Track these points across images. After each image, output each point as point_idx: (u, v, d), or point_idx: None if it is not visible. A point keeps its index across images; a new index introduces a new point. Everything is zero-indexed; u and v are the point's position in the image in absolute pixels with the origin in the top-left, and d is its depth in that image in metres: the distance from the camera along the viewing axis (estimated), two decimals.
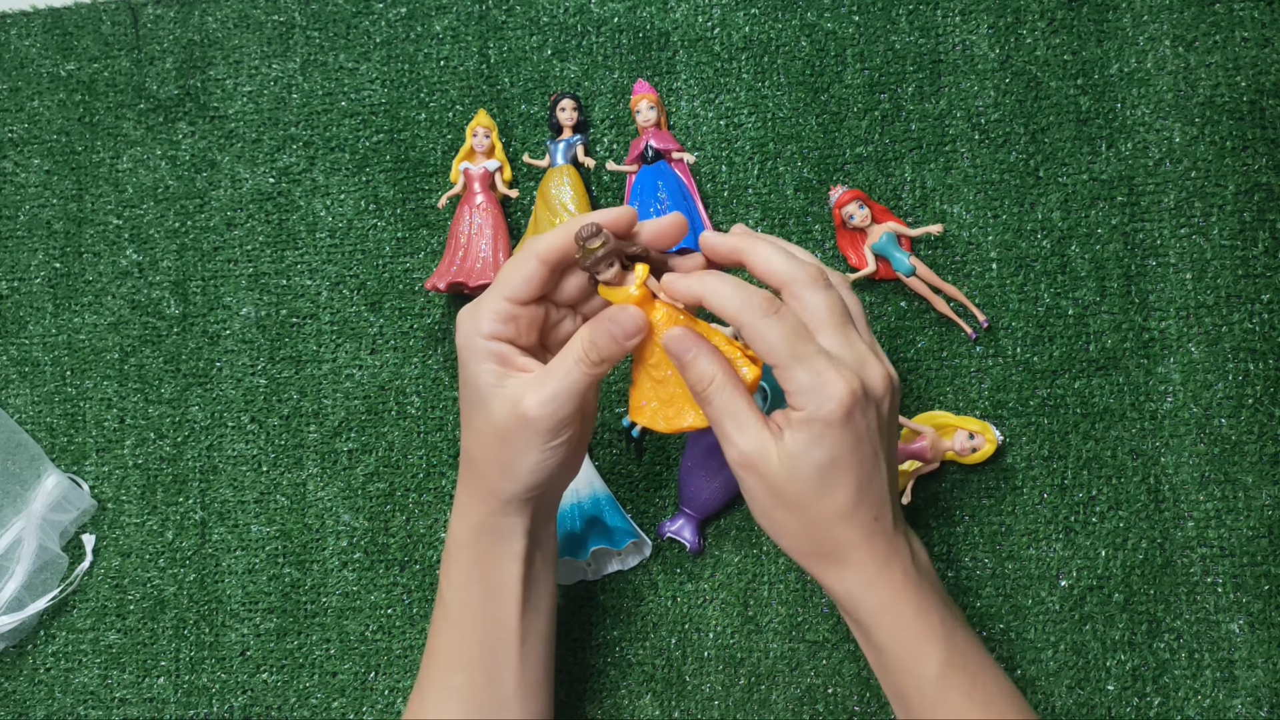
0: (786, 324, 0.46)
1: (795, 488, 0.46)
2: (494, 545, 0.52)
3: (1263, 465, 0.60)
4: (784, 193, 0.65)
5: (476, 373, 0.49)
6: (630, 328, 0.48)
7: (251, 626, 0.67)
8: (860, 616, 0.49)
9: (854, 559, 0.48)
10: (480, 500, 0.51)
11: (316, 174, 0.70)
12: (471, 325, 0.49)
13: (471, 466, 0.51)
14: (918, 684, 0.48)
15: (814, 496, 0.47)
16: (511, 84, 0.69)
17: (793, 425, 0.46)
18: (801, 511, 0.47)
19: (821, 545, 0.48)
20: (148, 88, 0.72)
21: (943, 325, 0.63)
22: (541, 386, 0.48)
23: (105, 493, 0.69)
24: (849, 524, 0.47)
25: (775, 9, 0.67)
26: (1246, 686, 0.58)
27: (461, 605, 0.53)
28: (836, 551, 0.48)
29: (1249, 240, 0.61)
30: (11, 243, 0.72)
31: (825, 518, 0.47)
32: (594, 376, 0.48)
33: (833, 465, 0.46)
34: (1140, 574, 0.60)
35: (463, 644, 0.53)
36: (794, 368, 0.45)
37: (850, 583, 0.48)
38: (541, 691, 0.55)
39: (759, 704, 0.62)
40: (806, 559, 0.49)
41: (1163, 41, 0.63)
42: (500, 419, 0.49)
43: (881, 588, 0.48)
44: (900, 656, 0.49)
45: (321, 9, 0.71)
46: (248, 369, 0.69)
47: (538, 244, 0.49)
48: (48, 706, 0.68)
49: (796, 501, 0.47)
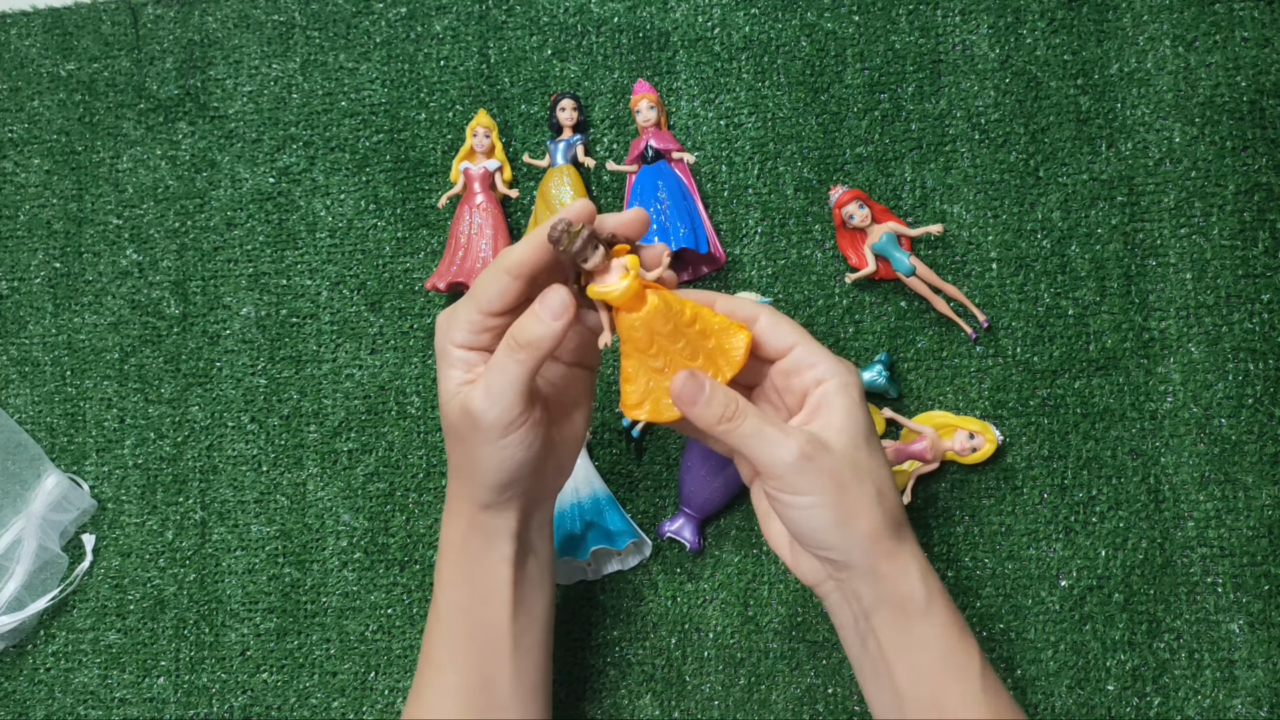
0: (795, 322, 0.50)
1: (856, 459, 0.47)
2: (482, 547, 0.52)
3: (1263, 465, 0.60)
4: (784, 193, 0.65)
5: (443, 378, 0.50)
6: (557, 306, 0.47)
7: (251, 626, 0.67)
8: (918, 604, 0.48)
9: (908, 535, 0.49)
10: (463, 502, 0.52)
11: (316, 174, 0.70)
12: (445, 334, 0.50)
13: (452, 470, 0.52)
14: (964, 684, 0.48)
15: (869, 462, 0.48)
16: (511, 84, 0.69)
17: (831, 399, 0.48)
18: (869, 482, 0.47)
19: (889, 516, 0.48)
20: (148, 88, 0.72)
21: (943, 325, 0.63)
22: (480, 384, 0.48)
23: (105, 493, 0.69)
24: (895, 490, 0.49)
25: (775, 9, 0.67)
26: (1246, 686, 0.58)
27: (451, 605, 0.53)
28: (897, 522, 0.48)
29: (1249, 240, 0.61)
30: (11, 243, 0.72)
31: (885, 483, 0.48)
32: (528, 363, 0.47)
33: (872, 430, 0.49)
34: (1140, 574, 0.60)
35: (454, 644, 0.53)
36: (815, 345, 0.49)
37: (913, 562, 0.48)
38: (539, 695, 0.55)
39: (759, 704, 0.62)
40: (877, 542, 0.48)
41: (1163, 41, 0.63)
42: (454, 421, 0.49)
43: (933, 573, 0.49)
44: (950, 651, 0.48)
45: (321, 9, 0.71)
46: (248, 369, 0.69)
47: (508, 258, 0.48)
48: (48, 706, 0.68)
49: (862, 473, 0.47)
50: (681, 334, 0.48)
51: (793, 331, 0.49)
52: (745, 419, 0.47)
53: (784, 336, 0.49)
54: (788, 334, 0.49)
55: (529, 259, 0.48)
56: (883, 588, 0.48)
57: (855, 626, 0.50)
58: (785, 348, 0.49)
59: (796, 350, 0.49)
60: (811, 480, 0.47)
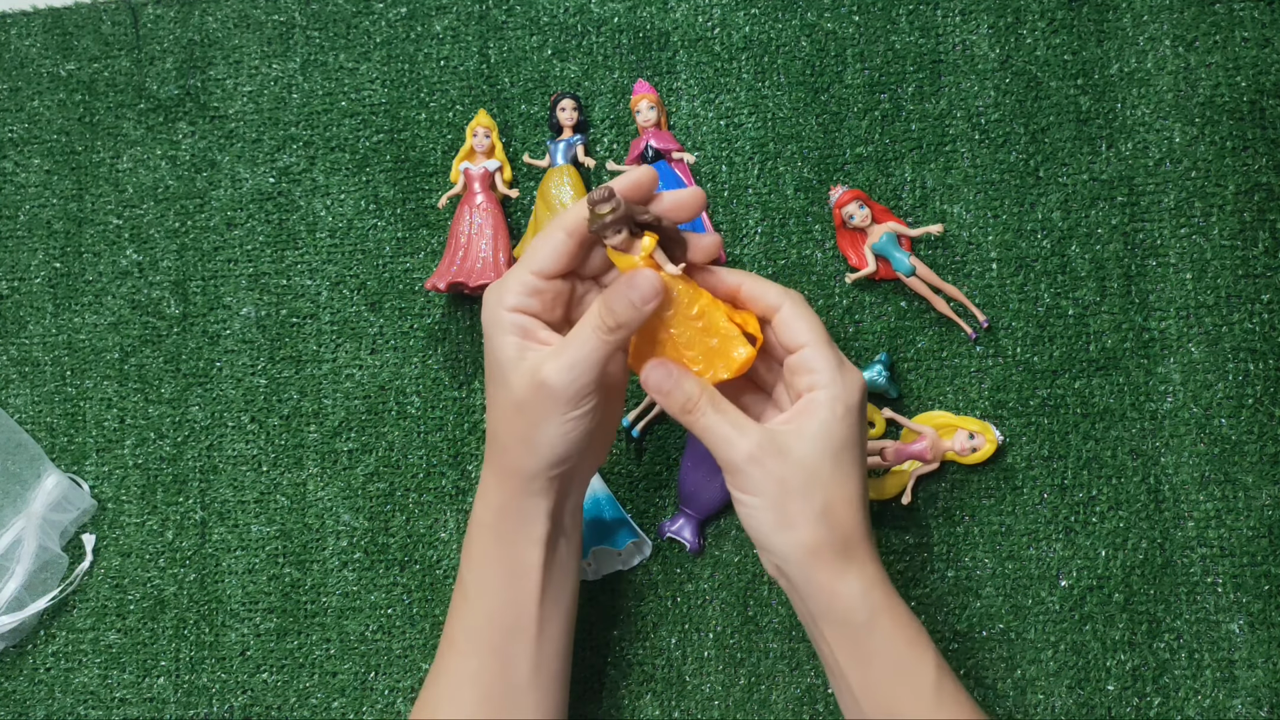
0: (818, 318, 0.50)
1: (813, 470, 0.47)
2: (516, 527, 0.52)
3: (1263, 465, 0.60)
4: (784, 193, 0.65)
5: (499, 345, 0.49)
6: (647, 291, 0.48)
7: (251, 626, 0.67)
8: (860, 617, 0.48)
9: (859, 554, 0.48)
10: (503, 479, 0.51)
11: (316, 174, 0.70)
12: (496, 299, 0.50)
13: (495, 444, 0.51)
14: (915, 691, 0.48)
15: (830, 478, 0.47)
16: (511, 84, 0.69)
17: (815, 407, 0.48)
18: (818, 495, 0.47)
19: (834, 534, 0.48)
20: (148, 88, 0.72)
21: (943, 325, 0.63)
22: (560, 355, 0.48)
23: (105, 493, 0.69)
24: (858, 511, 0.48)
25: (775, 9, 0.67)
26: (1246, 686, 0.58)
27: (479, 586, 0.52)
28: (846, 542, 0.48)
29: (1249, 240, 0.61)
30: (11, 243, 0.72)
31: (840, 500, 0.48)
32: (611, 344, 0.48)
33: (848, 446, 0.48)
34: (1140, 574, 0.60)
35: (478, 627, 0.53)
36: (826, 348, 0.48)
37: (856, 579, 0.48)
38: (556, 685, 0.54)
39: (759, 704, 0.62)
40: (815, 556, 0.48)
41: (1163, 41, 0.63)
42: (520, 390, 0.48)
43: (882, 586, 0.49)
44: (898, 661, 0.48)
45: (321, 9, 0.71)
46: (248, 369, 0.69)
47: (565, 217, 0.49)
48: (48, 706, 0.68)
49: (813, 485, 0.47)
50: (683, 324, 0.49)
51: (807, 330, 0.49)
52: (703, 414, 0.48)
53: (797, 335, 0.49)
54: (801, 333, 0.49)
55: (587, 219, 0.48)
56: (821, 601, 0.49)
57: (810, 629, 0.51)
58: (796, 346, 0.49)
59: (804, 351, 0.49)
60: (756, 482, 0.47)
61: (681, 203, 0.50)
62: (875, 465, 0.61)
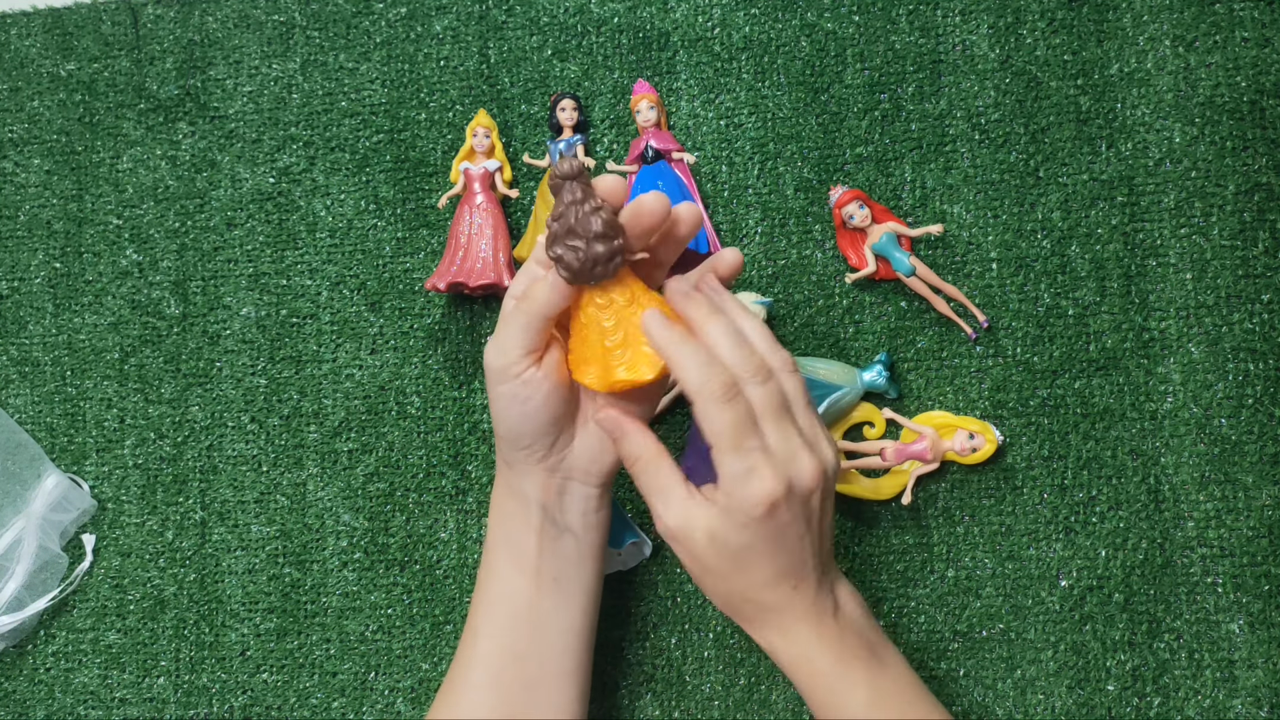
0: (736, 414, 0.47)
1: (715, 563, 0.49)
2: (515, 510, 0.54)
3: (1263, 465, 0.60)
4: (784, 193, 0.65)
5: None
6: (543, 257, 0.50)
7: (251, 626, 0.67)
8: (783, 665, 0.51)
9: (771, 620, 0.50)
10: (498, 453, 0.55)
11: (316, 174, 0.70)
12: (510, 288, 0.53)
13: None
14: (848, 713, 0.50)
15: (732, 572, 0.49)
16: (511, 84, 0.69)
17: (718, 508, 0.48)
18: (723, 581, 0.50)
19: (740, 609, 0.51)
20: (148, 88, 0.72)
21: (943, 325, 0.63)
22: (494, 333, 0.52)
23: (105, 493, 0.69)
24: (767, 592, 0.50)
25: (775, 9, 0.67)
26: (1246, 686, 0.58)
27: (488, 563, 0.55)
28: (755, 614, 0.51)
29: (1249, 240, 0.61)
30: (11, 243, 0.72)
31: (743, 588, 0.50)
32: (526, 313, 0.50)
33: (750, 551, 0.48)
34: (1140, 574, 0.60)
35: (487, 604, 0.55)
36: (729, 456, 0.47)
37: (770, 638, 0.51)
38: (570, 686, 0.55)
39: (759, 704, 0.62)
40: (733, 616, 0.52)
41: (1163, 41, 0.63)
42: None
43: (799, 643, 0.50)
44: (823, 703, 0.50)
45: (321, 9, 0.71)
46: (248, 369, 0.69)
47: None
48: (48, 706, 0.68)
49: (717, 573, 0.49)
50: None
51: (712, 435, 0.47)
52: (640, 477, 0.50)
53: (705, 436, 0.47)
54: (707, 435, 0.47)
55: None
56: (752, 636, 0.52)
57: None
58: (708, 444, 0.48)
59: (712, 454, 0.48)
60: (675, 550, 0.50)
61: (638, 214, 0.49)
62: (875, 465, 0.61)
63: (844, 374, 0.61)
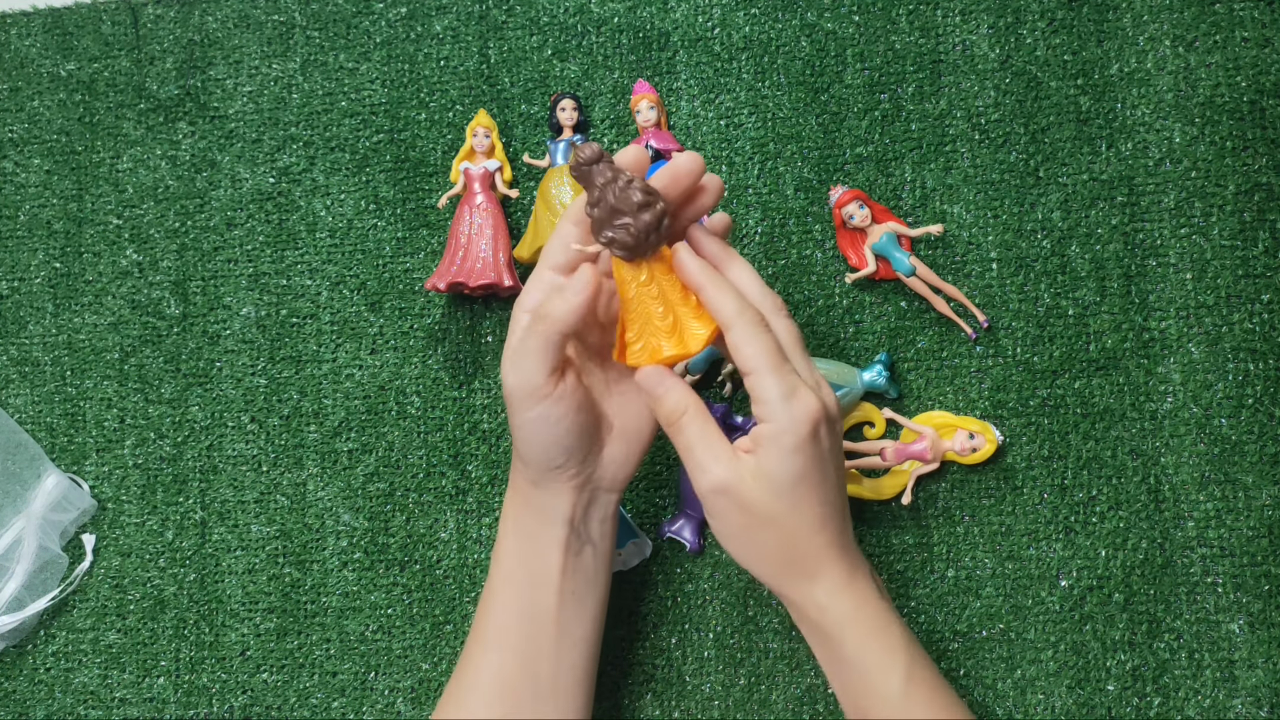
0: (771, 340, 0.48)
1: (771, 504, 0.48)
2: (536, 526, 0.53)
3: (1263, 465, 0.60)
4: (784, 193, 0.65)
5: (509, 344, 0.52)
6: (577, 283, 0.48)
7: (251, 626, 0.67)
8: (828, 629, 0.50)
9: (824, 571, 0.50)
10: (518, 475, 0.53)
11: (316, 174, 0.70)
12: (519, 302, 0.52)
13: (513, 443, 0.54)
14: (883, 697, 0.50)
15: (788, 510, 0.48)
16: (511, 84, 0.69)
17: (764, 442, 0.48)
18: (777, 527, 0.49)
19: (797, 561, 0.49)
20: (148, 88, 0.72)
21: (943, 325, 0.63)
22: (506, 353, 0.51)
23: (105, 493, 0.69)
24: (820, 536, 0.49)
25: (775, 9, 0.67)
26: (1246, 686, 0.58)
27: (504, 578, 0.54)
28: (808, 565, 0.49)
29: (1249, 240, 0.61)
30: (11, 243, 0.72)
31: (799, 531, 0.49)
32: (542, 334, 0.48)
33: (803, 481, 0.48)
34: (1140, 574, 0.60)
35: (502, 620, 0.54)
36: (769, 378, 0.47)
37: (821, 594, 0.50)
38: (579, 690, 0.55)
39: (759, 704, 0.62)
40: (780, 577, 0.50)
41: (1163, 41, 0.63)
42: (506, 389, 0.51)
43: (849, 598, 0.50)
44: (866, 668, 0.50)
45: (321, 9, 0.71)
46: (248, 369, 0.69)
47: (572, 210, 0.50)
48: (48, 706, 0.68)
49: (771, 518, 0.48)
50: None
51: (753, 357, 0.47)
52: (683, 430, 0.49)
53: (744, 361, 0.48)
54: (747, 359, 0.48)
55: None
56: (794, 611, 0.51)
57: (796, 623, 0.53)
58: (744, 371, 0.48)
59: (751, 378, 0.48)
60: (723, 513, 0.49)
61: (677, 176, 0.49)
62: (875, 465, 0.61)
63: (844, 374, 0.61)
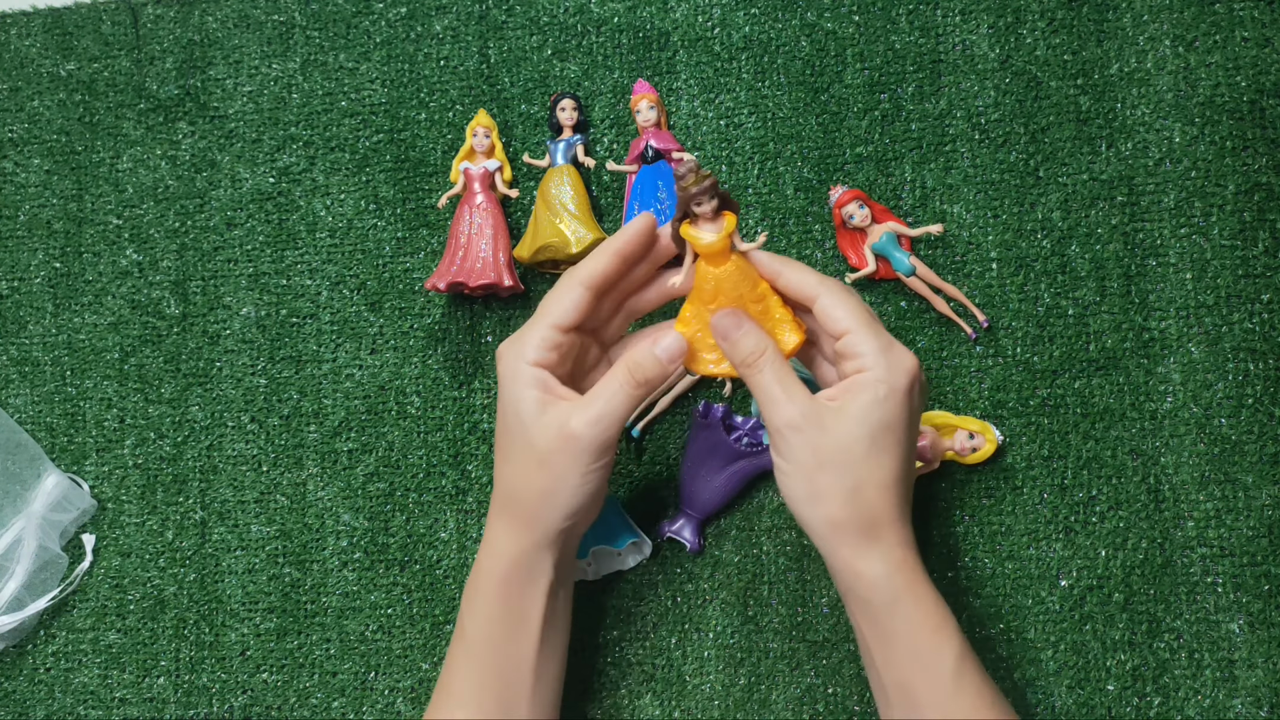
0: (859, 301, 0.50)
1: (848, 448, 0.48)
2: (525, 580, 0.53)
3: (1263, 465, 0.60)
4: (784, 193, 0.65)
5: (519, 399, 0.51)
6: (675, 350, 0.51)
7: (251, 626, 0.67)
8: (882, 599, 0.49)
9: (886, 535, 0.48)
10: (518, 531, 0.52)
11: (316, 174, 0.70)
12: (516, 353, 0.51)
13: (510, 498, 0.52)
14: (933, 676, 0.48)
15: (863, 458, 0.48)
16: (511, 84, 0.69)
17: (856, 388, 0.48)
18: (849, 474, 0.48)
19: (860, 513, 0.48)
20: (148, 88, 0.72)
21: (943, 325, 0.63)
22: (588, 408, 0.50)
23: (105, 493, 0.69)
24: (887, 495, 0.48)
25: (775, 9, 0.67)
26: (1246, 686, 0.58)
27: (483, 638, 0.53)
28: (873, 523, 0.48)
29: (1249, 240, 0.61)
30: (11, 243, 0.72)
31: (871, 483, 0.48)
32: (637, 398, 0.50)
33: (888, 431, 0.48)
34: (1140, 574, 0.60)
35: (481, 677, 0.53)
36: (867, 332, 0.48)
37: (879, 561, 0.48)
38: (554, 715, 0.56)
39: (759, 704, 0.62)
40: (837, 532, 0.49)
41: (1163, 41, 0.63)
42: (544, 443, 0.50)
43: (907, 570, 0.49)
44: (917, 645, 0.48)
45: (321, 9, 0.71)
46: (248, 369, 0.69)
47: (580, 271, 0.51)
48: (48, 706, 0.68)
49: (844, 463, 0.48)
50: (745, 303, 0.51)
51: (847, 316, 0.49)
52: (761, 371, 0.49)
53: (839, 321, 0.49)
54: (842, 319, 0.49)
55: (602, 270, 0.51)
56: (846, 577, 0.50)
57: (842, 598, 0.52)
58: (839, 332, 0.49)
59: (848, 337, 0.49)
60: (794, 450, 0.48)
61: None
62: None
63: None
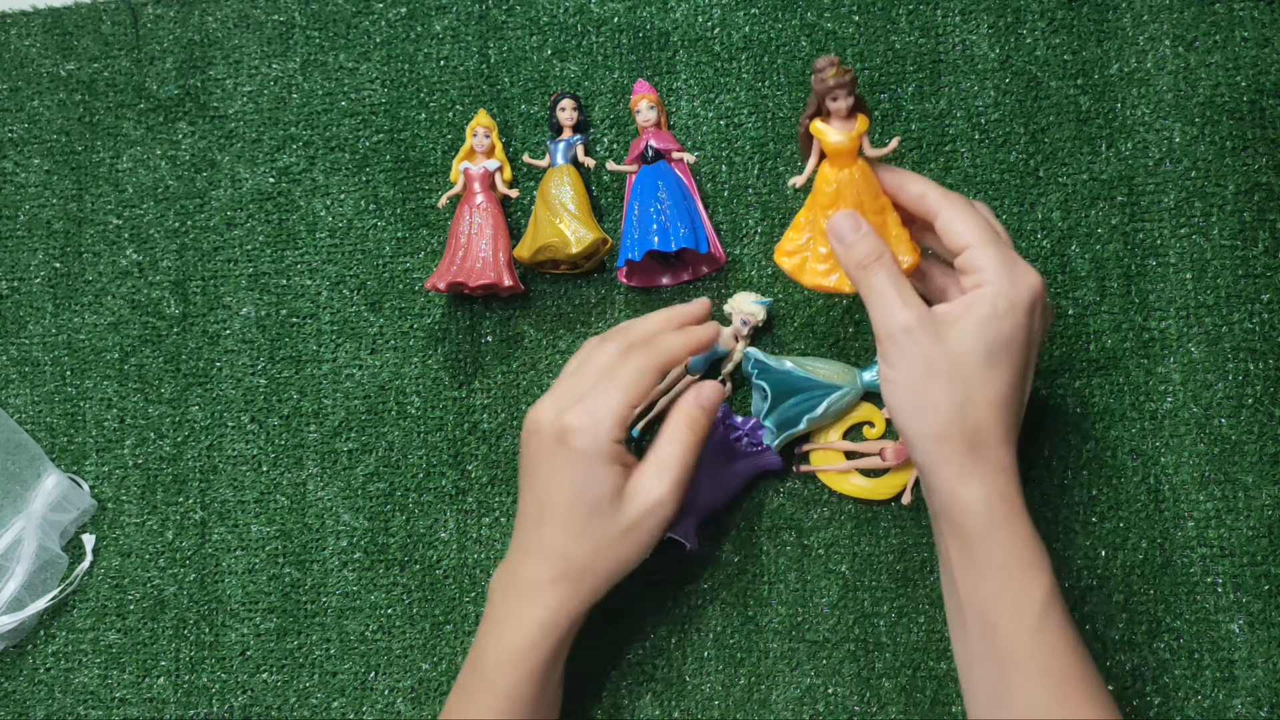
0: (981, 218, 0.50)
1: (961, 360, 0.47)
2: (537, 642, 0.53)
3: (1263, 465, 0.60)
4: (784, 193, 0.65)
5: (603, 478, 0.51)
6: (716, 398, 0.54)
7: (251, 626, 0.67)
8: (977, 525, 0.47)
9: (989, 456, 0.47)
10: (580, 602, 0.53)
11: (316, 174, 0.70)
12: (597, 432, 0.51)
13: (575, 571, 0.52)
14: (1019, 613, 0.47)
15: (977, 372, 0.47)
16: (511, 84, 0.69)
17: (976, 302, 0.47)
18: (960, 387, 0.47)
19: (967, 428, 0.47)
20: (148, 88, 0.72)
21: None
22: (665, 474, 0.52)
23: (105, 493, 0.69)
24: (999, 413, 0.47)
25: (775, 9, 0.67)
26: (1246, 686, 0.58)
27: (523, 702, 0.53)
28: (978, 440, 0.47)
29: (1249, 240, 0.61)
30: (11, 243, 0.72)
31: (981, 398, 0.47)
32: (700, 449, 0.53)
33: (1005, 346, 0.47)
34: (1140, 574, 0.60)
35: None
36: (991, 248, 0.48)
37: (979, 484, 0.47)
38: None
39: (759, 704, 0.62)
40: (942, 446, 0.47)
41: (1163, 41, 0.63)
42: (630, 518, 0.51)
43: (1008, 500, 0.47)
44: (1007, 579, 0.47)
45: (321, 9, 0.71)
46: (248, 369, 0.69)
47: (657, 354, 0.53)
48: (48, 706, 0.68)
49: (957, 375, 0.47)
50: (865, 213, 0.50)
51: (969, 232, 0.49)
52: (877, 274, 0.49)
53: (960, 237, 0.49)
54: (964, 234, 0.49)
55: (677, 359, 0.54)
56: (942, 497, 0.48)
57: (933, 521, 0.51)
58: (960, 248, 0.49)
59: (969, 252, 0.49)
60: (904, 355, 0.48)
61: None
62: (875, 465, 0.61)
63: (844, 374, 0.61)
